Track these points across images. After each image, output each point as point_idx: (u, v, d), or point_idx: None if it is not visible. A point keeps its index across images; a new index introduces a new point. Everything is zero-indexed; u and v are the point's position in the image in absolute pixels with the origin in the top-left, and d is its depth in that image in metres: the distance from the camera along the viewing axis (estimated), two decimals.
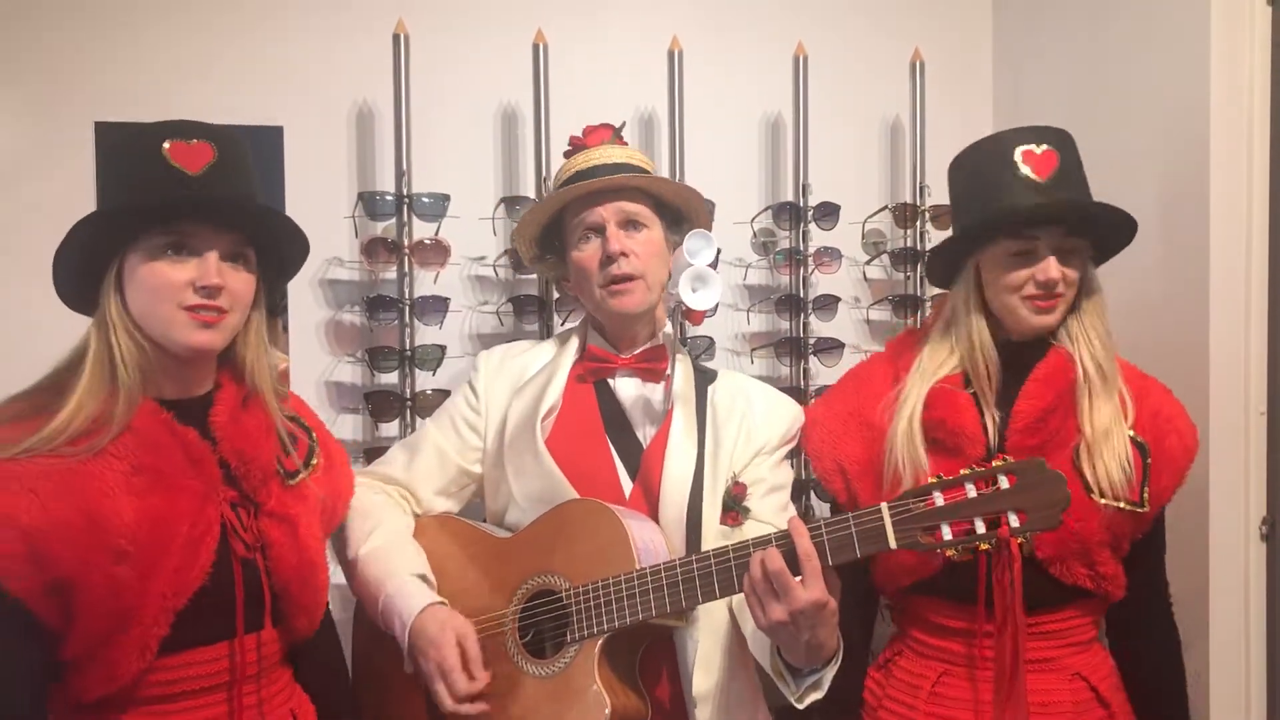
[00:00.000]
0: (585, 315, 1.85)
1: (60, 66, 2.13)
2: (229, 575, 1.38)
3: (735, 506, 1.68)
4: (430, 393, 2.18)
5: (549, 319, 2.26)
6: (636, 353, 1.77)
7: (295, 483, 1.50)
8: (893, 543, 1.37)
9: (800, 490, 2.28)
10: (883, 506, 1.38)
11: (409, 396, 2.18)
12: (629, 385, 1.77)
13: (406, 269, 2.18)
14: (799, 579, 1.36)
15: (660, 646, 1.63)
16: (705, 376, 1.80)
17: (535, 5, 2.31)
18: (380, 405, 2.19)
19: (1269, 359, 2.04)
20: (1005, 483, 1.34)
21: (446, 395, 2.02)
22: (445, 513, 1.79)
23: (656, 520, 1.64)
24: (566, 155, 1.84)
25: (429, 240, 2.19)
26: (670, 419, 1.71)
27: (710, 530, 1.66)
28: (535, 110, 2.22)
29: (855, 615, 1.65)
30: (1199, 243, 2.02)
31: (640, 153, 1.82)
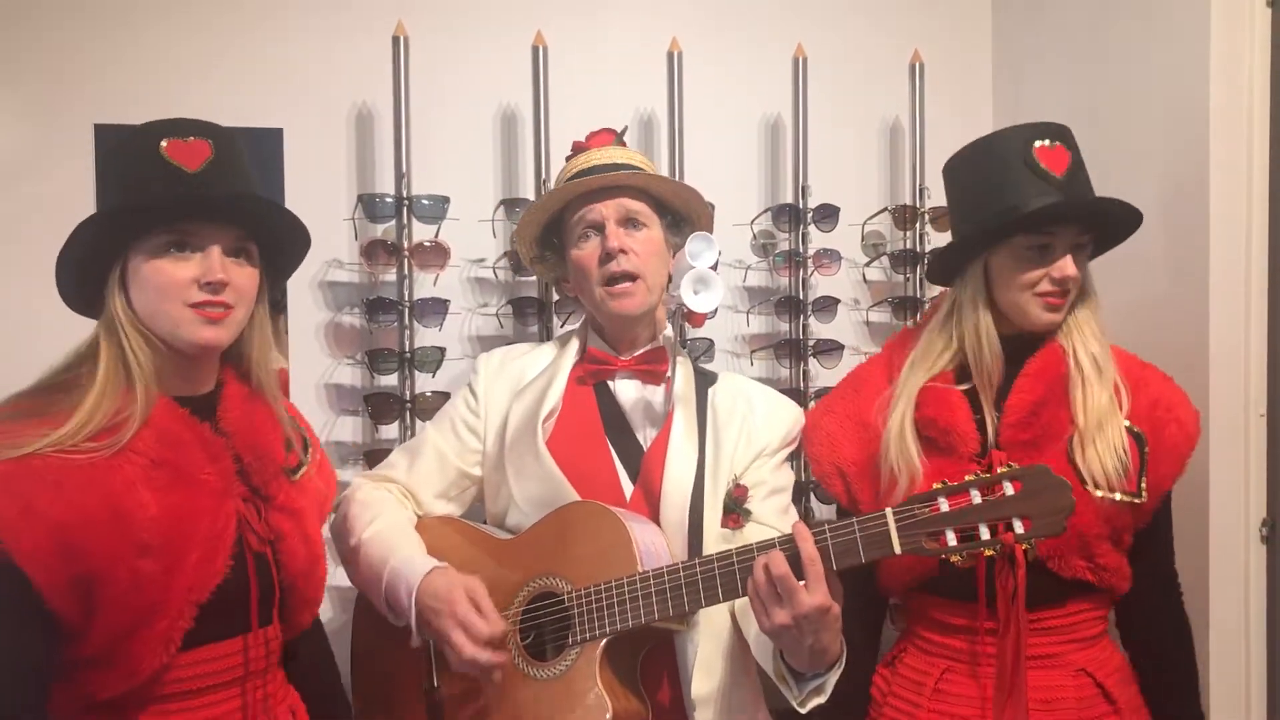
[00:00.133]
0: (585, 317, 1.84)
1: (60, 67, 2.12)
2: (245, 569, 1.38)
3: (736, 509, 1.68)
4: (430, 395, 2.18)
5: (549, 321, 2.26)
6: (637, 355, 1.76)
7: (298, 477, 1.51)
8: (897, 548, 1.37)
9: (800, 492, 2.27)
10: (887, 512, 1.38)
11: (409, 399, 2.18)
12: (629, 387, 1.76)
13: (406, 271, 2.17)
14: (803, 583, 1.36)
15: (660, 650, 1.63)
16: (706, 379, 1.80)
17: (535, 7, 2.31)
18: (380, 407, 2.18)
19: (1269, 359, 2.04)
20: (1010, 489, 1.34)
21: (446, 398, 2.02)
22: (447, 515, 1.79)
23: (657, 523, 1.64)
24: (568, 159, 1.84)
25: (429, 242, 2.18)
26: (671, 421, 1.71)
27: (711, 533, 1.66)
28: (535, 112, 2.22)
29: (859, 619, 1.65)
30: (1199, 243, 2.02)
31: (642, 155, 1.82)
